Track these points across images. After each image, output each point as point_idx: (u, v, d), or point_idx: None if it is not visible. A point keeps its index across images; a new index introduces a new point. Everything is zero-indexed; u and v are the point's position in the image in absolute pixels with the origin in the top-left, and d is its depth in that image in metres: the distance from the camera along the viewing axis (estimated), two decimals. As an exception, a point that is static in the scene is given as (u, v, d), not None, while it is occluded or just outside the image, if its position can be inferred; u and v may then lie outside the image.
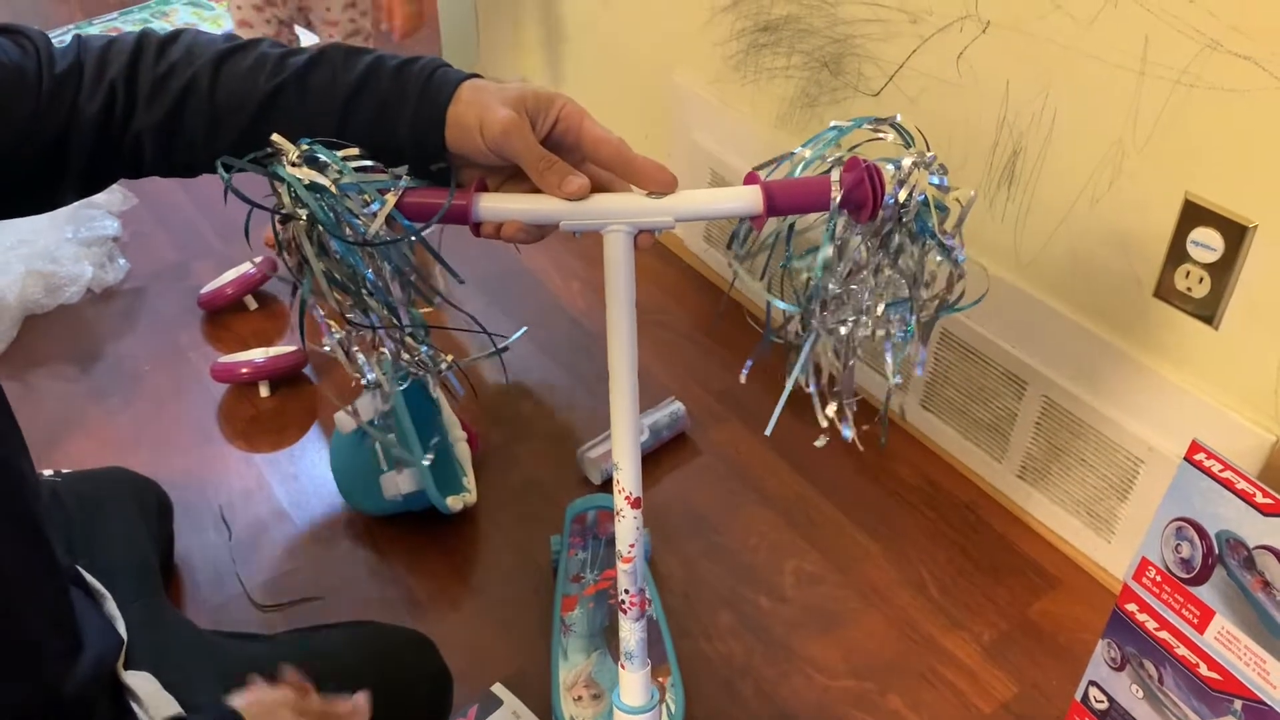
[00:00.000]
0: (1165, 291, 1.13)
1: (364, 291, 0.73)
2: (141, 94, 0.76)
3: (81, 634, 0.75)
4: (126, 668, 0.86)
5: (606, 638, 1.20)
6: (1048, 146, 1.18)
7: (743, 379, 0.82)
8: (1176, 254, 1.10)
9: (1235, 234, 1.04)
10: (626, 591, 0.83)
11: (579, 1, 1.86)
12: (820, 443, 0.81)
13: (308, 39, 2.10)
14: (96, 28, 2.52)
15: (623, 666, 0.84)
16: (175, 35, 0.78)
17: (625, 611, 0.83)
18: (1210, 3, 0.98)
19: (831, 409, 0.81)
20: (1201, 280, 1.09)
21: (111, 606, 0.90)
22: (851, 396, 0.81)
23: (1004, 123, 1.21)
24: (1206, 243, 1.07)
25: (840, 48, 1.38)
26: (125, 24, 2.56)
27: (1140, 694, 1.05)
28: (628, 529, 0.81)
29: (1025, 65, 1.16)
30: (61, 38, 0.77)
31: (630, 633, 0.83)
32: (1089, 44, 1.09)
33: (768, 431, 0.81)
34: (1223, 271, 1.06)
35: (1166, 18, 1.01)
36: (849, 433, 0.81)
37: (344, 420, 1.37)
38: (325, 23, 1.79)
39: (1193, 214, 1.07)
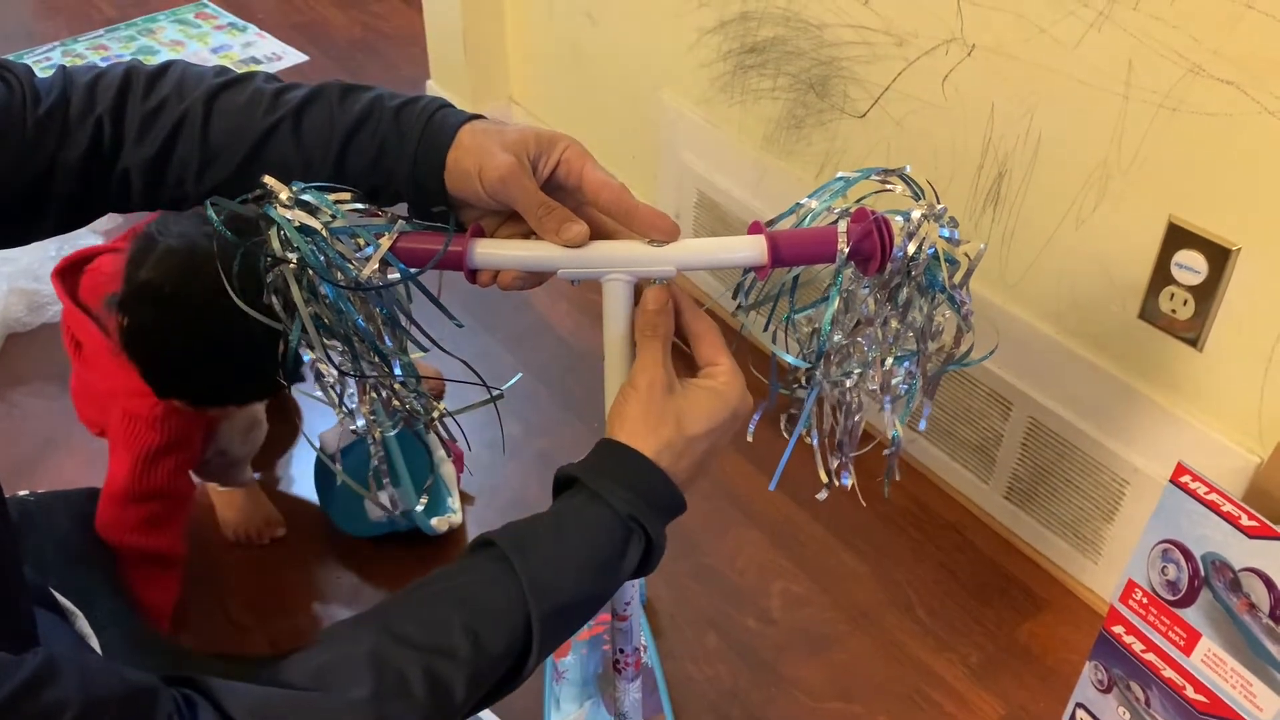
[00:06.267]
0: (1150, 313, 1.13)
1: (354, 338, 0.72)
2: (130, 130, 0.74)
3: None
4: None
5: (600, 685, 1.18)
6: (1033, 169, 1.19)
7: (749, 437, 0.80)
8: (1161, 276, 1.10)
9: (1219, 256, 1.04)
10: (622, 651, 0.80)
11: (566, 21, 1.87)
12: (822, 495, 0.79)
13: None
14: (83, 45, 2.52)
15: None
16: (164, 68, 0.76)
17: (621, 671, 0.80)
18: (1193, 28, 0.98)
19: (834, 463, 0.79)
20: (1186, 302, 1.09)
21: (83, 624, 0.89)
22: (854, 449, 0.79)
23: (989, 145, 1.22)
24: (1190, 265, 1.07)
25: (826, 70, 1.39)
26: (111, 41, 2.55)
27: (1127, 716, 1.05)
28: (625, 586, 0.78)
29: (1010, 88, 1.17)
30: (46, 66, 0.76)
31: (625, 693, 0.81)
32: (1074, 67, 1.10)
33: (772, 486, 0.80)
34: (1206, 294, 1.07)
35: (1150, 42, 1.02)
36: (849, 481, 0.80)
37: (328, 440, 1.36)
38: None
39: (1176, 236, 1.07)
